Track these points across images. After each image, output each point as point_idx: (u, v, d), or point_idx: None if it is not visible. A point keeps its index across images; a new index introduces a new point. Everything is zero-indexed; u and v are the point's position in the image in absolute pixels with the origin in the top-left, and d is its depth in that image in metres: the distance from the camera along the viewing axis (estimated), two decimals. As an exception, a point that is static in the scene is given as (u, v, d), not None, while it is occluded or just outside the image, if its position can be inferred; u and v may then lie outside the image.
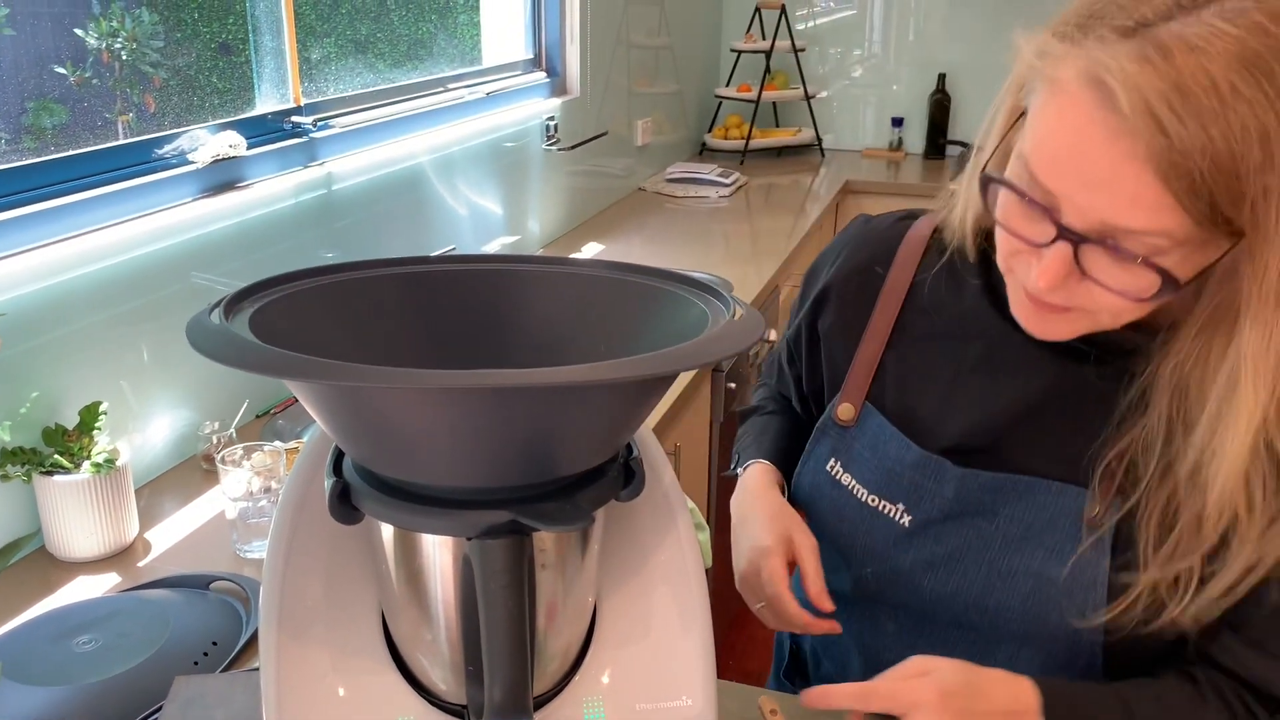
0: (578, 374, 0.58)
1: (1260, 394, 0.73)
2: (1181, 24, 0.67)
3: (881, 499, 0.96)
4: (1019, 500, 0.89)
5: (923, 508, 0.93)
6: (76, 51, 1.48)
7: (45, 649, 1.05)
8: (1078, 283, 0.75)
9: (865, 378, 0.98)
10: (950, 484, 0.92)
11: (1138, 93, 0.66)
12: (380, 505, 0.66)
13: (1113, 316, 0.77)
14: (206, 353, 0.60)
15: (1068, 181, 0.71)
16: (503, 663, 0.64)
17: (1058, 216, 0.73)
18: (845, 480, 0.99)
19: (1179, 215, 0.67)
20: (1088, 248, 0.72)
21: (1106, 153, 0.68)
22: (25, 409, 1.28)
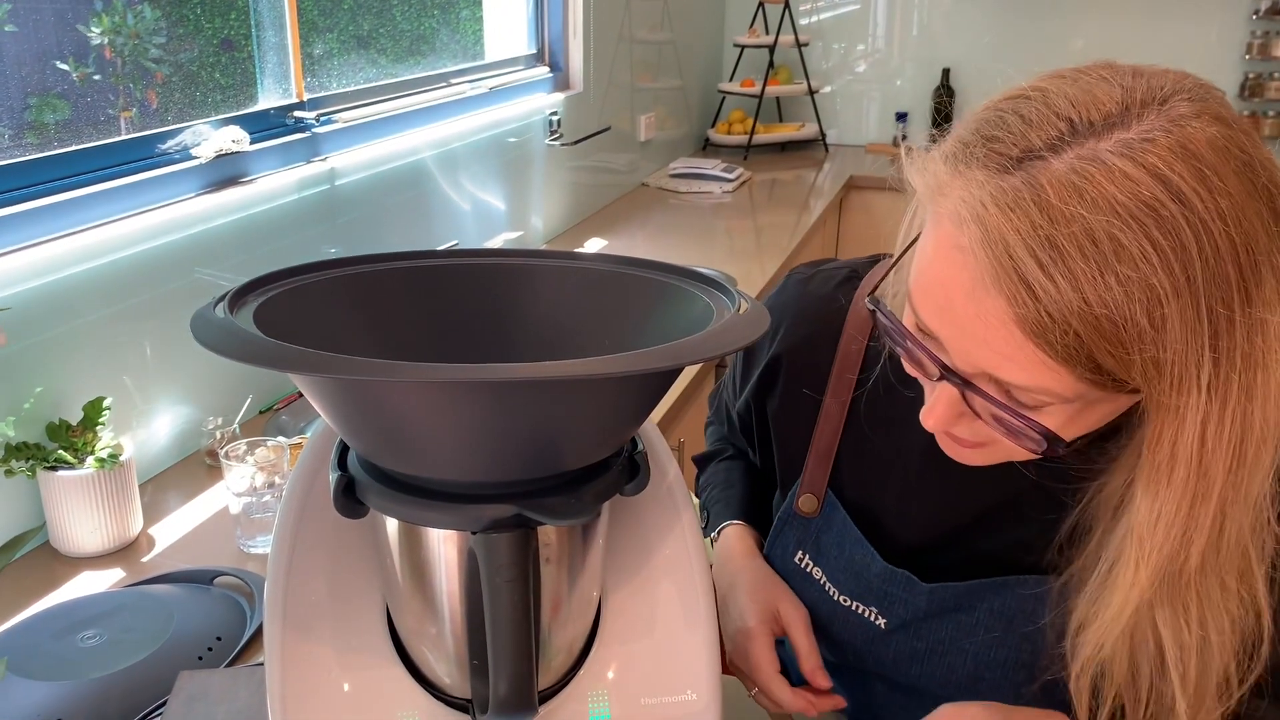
0: (582, 368, 0.58)
1: (1141, 572, 0.65)
2: (1068, 158, 0.59)
3: (854, 600, 0.91)
4: (995, 595, 0.84)
5: (896, 612, 0.88)
6: (79, 47, 1.48)
7: (50, 644, 1.05)
8: (973, 420, 0.69)
9: (824, 467, 0.92)
10: (921, 596, 0.87)
11: (1001, 244, 0.58)
12: (385, 499, 0.66)
13: (1025, 455, 0.70)
14: (211, 346, 0.60)
15: (944, 326, 0.65)
16: (507, 657, 0.64)
17: (941, 356, 0.67)
18: (816, 575, 0.94)
19: (1061, 375, 0.60)
20: (973, 394, 0.66)
21: (973, 306, 0.61)
22: (29, 404, 1.28)
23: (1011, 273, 0.58)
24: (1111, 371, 0.59)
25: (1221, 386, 0.58)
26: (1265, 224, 0.58)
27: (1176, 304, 0.56)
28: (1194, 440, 0.60)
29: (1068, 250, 0.57)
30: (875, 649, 0.91)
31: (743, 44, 3.80)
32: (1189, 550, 0.63)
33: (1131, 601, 0.66)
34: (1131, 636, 0.69)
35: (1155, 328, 0.57)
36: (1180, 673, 0.68)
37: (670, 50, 3.53)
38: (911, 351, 0.70)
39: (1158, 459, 0.62)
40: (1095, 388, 0.60)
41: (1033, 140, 0.61)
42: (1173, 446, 0.61)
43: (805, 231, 2.83)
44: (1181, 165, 0.57)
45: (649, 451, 0.74)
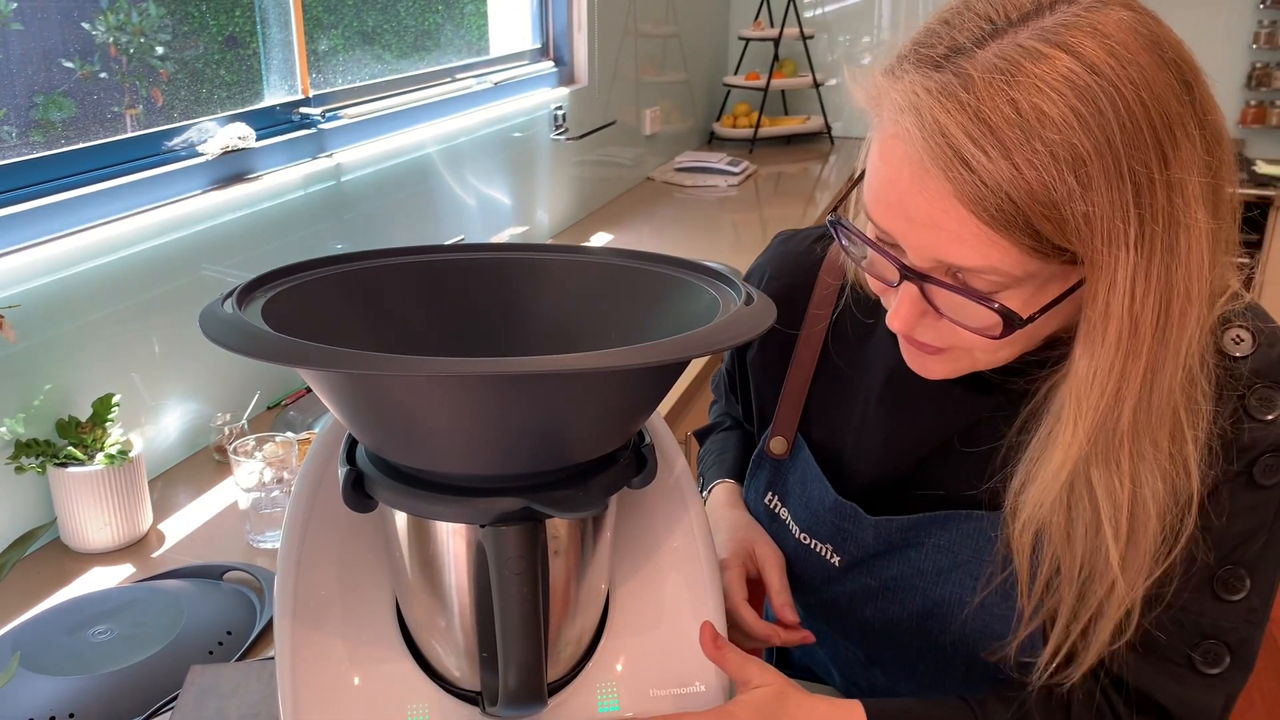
0: (591, 361, 0.58)
1: (1078, 431, 0.69)
2: (991, 49, 0.64)
3: (812, 538, 0.94)
4: (942, 530, 0.86)
5: (848, 549, 0.91)
6: (84, 45, 1.49)
7: (61, 639, 1.06)
8: (936, 320, 0.72)
9: (794, 410, 0.96)
10: (868, 530, 0.90)
11: (936, 128, 0.63)
12: (394, 493, 0.67)
13: (987, 355, 0.74)
14: (220, 342, 0.61)
15: (897, 222, 0.69)
16: (517, 649, 0.65)
17: (900, 256, 0.71)
18: (782, 514, 0.97)
19: (1006, 249, 0.64)
20: (933, 286, 0.70)
21: (919, 192, 0.66)
22: (38, 401, 1.29)
23: (946, 149, 0.63)
24: (1049, 237, 0.63)
25: (1147, 244, 0.63)
26: (1175, 93, 0.64)
27: (1099, 162, 0.62)
28: (1125, 297, 0.64)
29: (995, 123, 0.62)
30: (832, 588, 0.94)
31: (747, 37, 3.80)
32: (1122, 407, 0.68)
33: (1070, 459, 0.70)
34: (1069, 495, 0.72)
35: (1082, 185, 0.62)
36: (1114, 528, 0.71)
37: (675, 44, 3.53)
38: (872, 261, 0.75)
39: (1092, 318, 0.66)
40: (1038, 258, 0.65)
41: (957, 39, 0.66)
42: (1106, 305, 0.65)
43: (811, 224, 2.83)
44: (1093, 43, 0.63)
45: (656, 444, 0.74)
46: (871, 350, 0.92)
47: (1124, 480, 0.70)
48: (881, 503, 0.90)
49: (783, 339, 0.97)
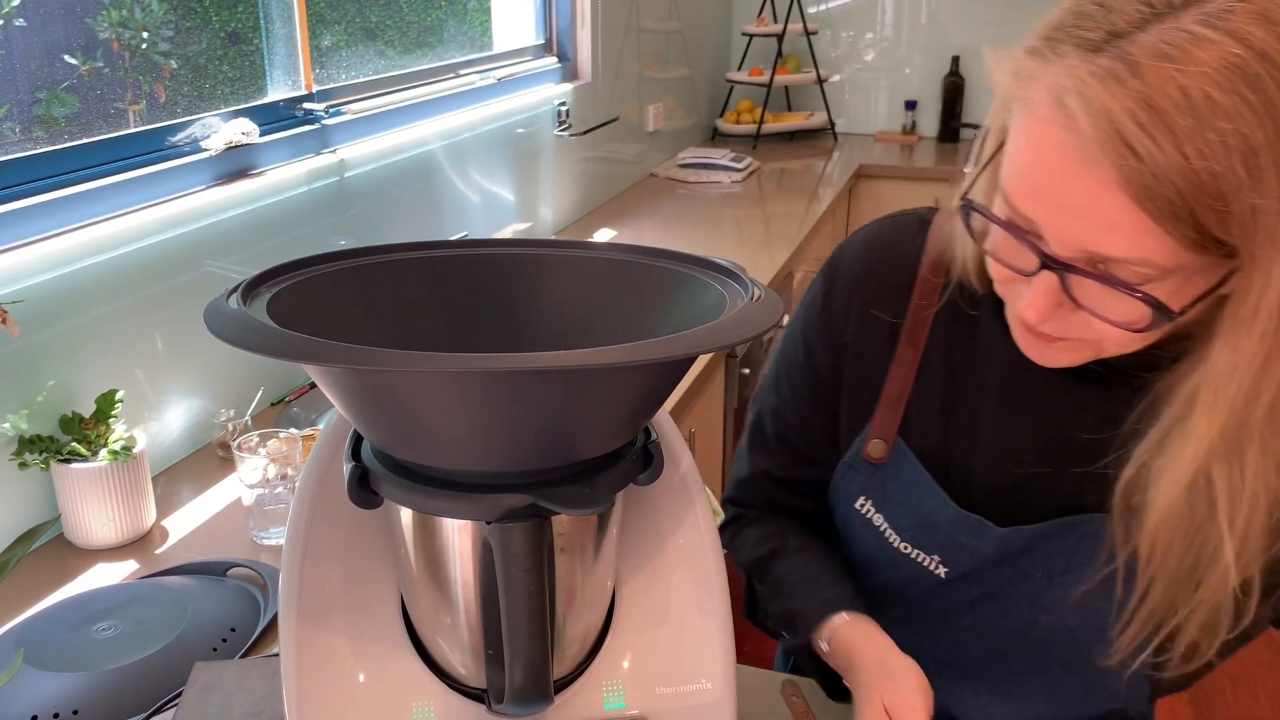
0: (598, 356, 0.58)
1: (1212, 424, 0.69)
2: (1154, 33, 0.62)
3: (915, 548, 0.91)
4: (1058, 536, 0.86)
5: (961, 560, 0.89)
6: (87, 41, 1.48)
7: (65, 636, 1.05)
8: (1071, 312, 0.71)
9: (895, 412, 0.92)
10: (992, 542, 0.87)
11: (1103, 114, 0.61)
12: (399, 490, 0.66)
13: (1117, 346, 0.73)
14: (225, 337, 0.60)
15: (1043, 209, 0.67)
16: (523, 646, 0.64)
17: (1040, 245, 0.69)
18: (877, 521, 0.94)
19: (1163, 240, 0.63)
20: (1075, 277, 0.68)
21: (1077, 179, 0.64)
22: (42, 397, 1.28)
23: (1115, 137, 0.61)
24: (1210, 230, 0.62)
25: None
26: None
27: (1270, 155, 0.60)
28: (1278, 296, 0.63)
29: (1166, 110, 0.60)
30: (929, 599, 0.92)
31: (751, 33, 3.79)
32: (1258, 402, 0.67)
33: (1201, 453, 0.69)
34: (1189, 490, 0.72)
35: (1253, 177, 0.60)
36: (1229, 522, 0.71)
37: (678, 40, 3.52)
38: (1003, 250, 0.72)
39: (1241, 312, 0.65)
40: (1194, 251, 0.63)
41: (1116, 22, 0.64)
42: (1258, 300, 0.64)
43: (815, 221, 2.82)
44: (1261, 30, 0.61)
45: (662, 441, 0.74)
46: (980, 348, 0.88)
47: (1245, 475, 0.70)
48: (1000, 510, 0.87)
49: (883, 338, 0.92)
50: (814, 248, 2.91)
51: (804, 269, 2.79)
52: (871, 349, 0.93)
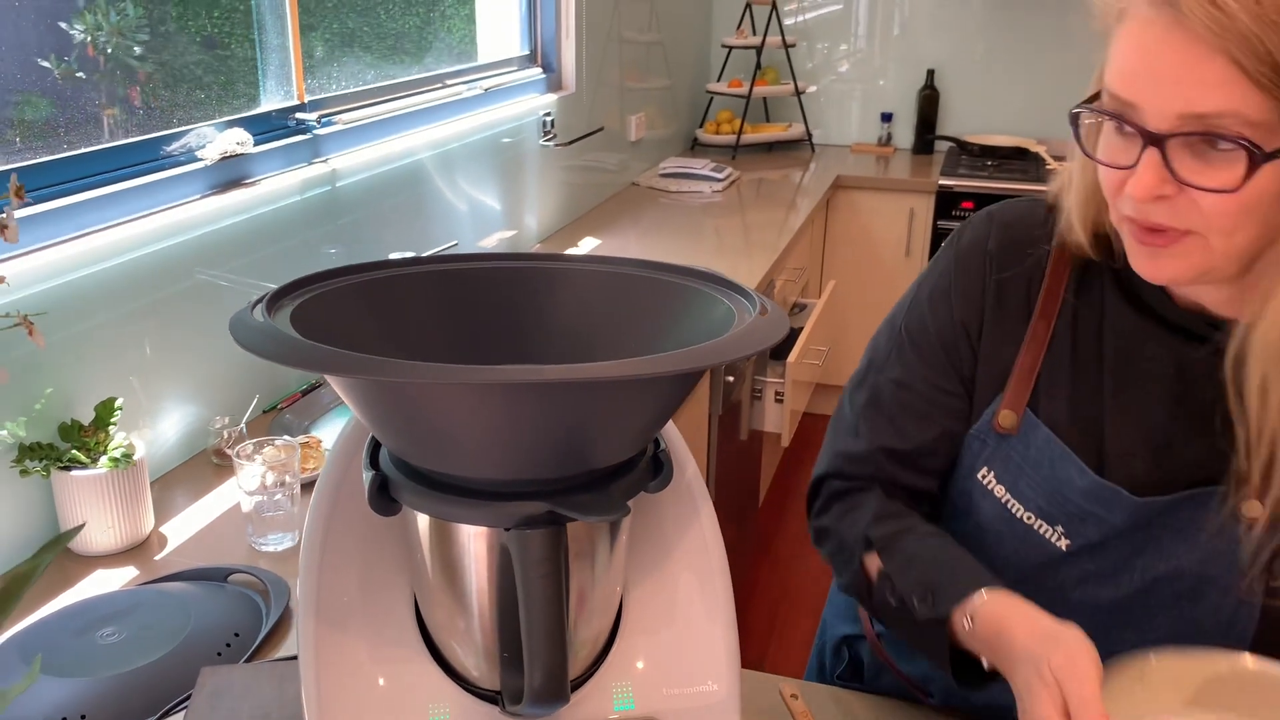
0: (617, 369, 0.60)
1: None
2: None
3: (1039, 519, 0.93)
4: (1187, 509, 0.89)
5: (1085, 533, 0.92)
6: (61, 45, 1.48)
7: (70, 642, 1.06)
8: (1176, 194, 0.76)
9: (1026, 385, 0.95)
10: (1123, 512, 0.90)
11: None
12: (419, 497, 0.69)
13: (1223, 237, 0.77)
14: (253, 349, 0.62)
15: (1142, 86, 0.75)
16: (542, 649, 0.66)
17: (1141, 122, 0.75)
18: (999, 492, 0.95)
19: (1249, 89, 0.70)
20: (1174, 147, 0.74)
21: (1171, 46, 0.72)
22: (40, 405, 1.29)
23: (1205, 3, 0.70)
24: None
25: None
26: None
27: None
28: None
29: None
30: (1046, 571, 0.94)
31: (730, 45, 3.83)
32: None
33: None
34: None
35: None
36: None
37: (659, 51, 3.55)
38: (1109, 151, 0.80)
39: None
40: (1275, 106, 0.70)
41: None
42: None
43: (794, 230, 2.86)
44: None
45: (670, 448, 0.76)
46: (1104, 320, 0.93)
47: None
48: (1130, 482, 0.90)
49: (1017, 311, 0.96)
50: (793, 257, 2.95)
51: (784, 277, 2.83)
52: (1006, 321, 0.97)
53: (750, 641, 2.56)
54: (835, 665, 1.19)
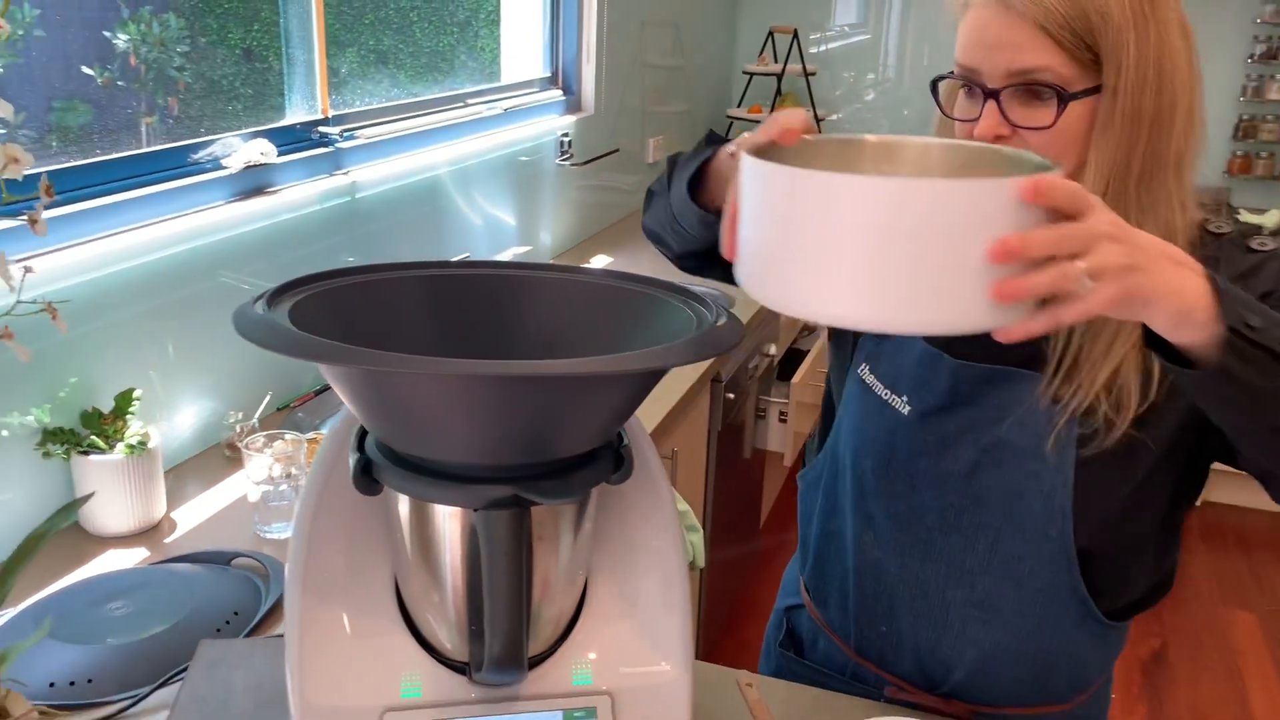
0: (575, 366, 0.67)
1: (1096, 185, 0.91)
2: None
3: (889, 390, 1.08)
4: (998, 388, 1.01)
5: (922, 397, 1.05)
6: (104, 54, 1.56)
7: (82, 612, 1.14)
8: (1011, 135, 0.94)
9: None
10: (947, 377, 1.03)
11: None
12: (398, 478, 0.75)
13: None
14: (251, 338, 0.70)
15: (980, 54, 0.93)
16: (502, 619, 0.73)
17: (981, 81, 0.94)
18: (868, 379, 1.10)
19: (1055, 49, 0.90)
20: (1006, 98, 0.93)
21: (999, 22, 0.91)
22: (64, 393, 1.37)
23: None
24: (1082, 36, 0.89)
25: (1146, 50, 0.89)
26: None
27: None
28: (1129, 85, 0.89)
29: None
30: (897, 439, 1.07)
31: (751, 71, 3.91)
32: (1128, 176, 0.91)
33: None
34: None
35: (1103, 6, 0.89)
36: None
37: (680, 76, 3.64)
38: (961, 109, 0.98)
39: (1103, 110, 0.90)
40: (1076, 61, 0.90)
41: None
42: (1114, 90, 0.89)
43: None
44: None
45: (634, 447, 0.83)
46: None
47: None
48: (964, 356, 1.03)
49: None
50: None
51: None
52: None
53: (747, 658, 2.61)
54: (777, 635, 1.28)
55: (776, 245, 0.68)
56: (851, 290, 0.65)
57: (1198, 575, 3.25)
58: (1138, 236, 0.69)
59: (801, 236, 0.66)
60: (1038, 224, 0.64)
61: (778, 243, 0.68)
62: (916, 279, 0.63)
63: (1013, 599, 1.05)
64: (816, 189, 0.65)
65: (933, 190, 0.62)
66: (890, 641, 1.12)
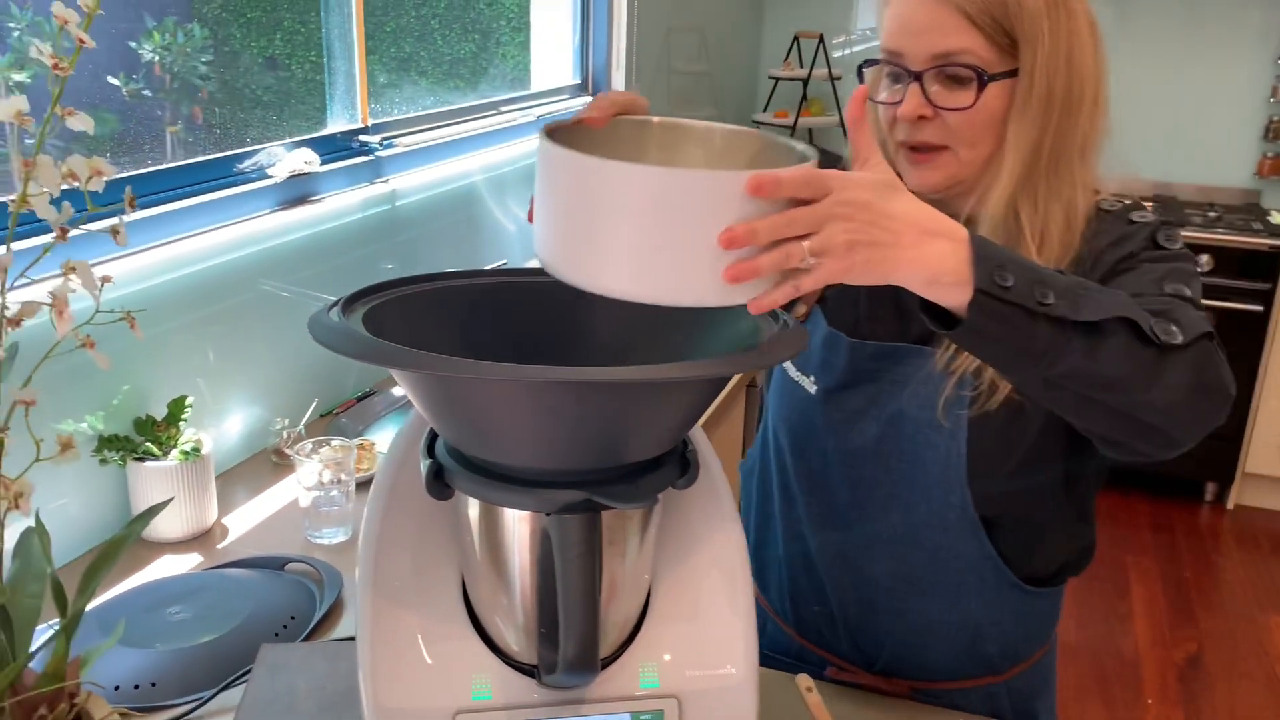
0: (645, 373, 0.68)
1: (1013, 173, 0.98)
2: None
3: (799, 371, 1.14)
4: (896, 363, 1.06)
5: (826, 376, 1.11)
6: (129, 63, 1.58)
7: (142, 617, 1.15)
8: (934, 116, 0.99)
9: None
10: (844, 354, 1.08)
11: None
12: (471, 483, 0.77)
13: (968, 148, 1.00)
14: (330, 345, 0.71)
15: (904, 39, 0.98)
16: (576, 623, 0.74)
17: (905, 64, 0.99)
18: (792, 372, 1.16)
19: (975, 35, 0.95)
20: (929, 80, 0.98)
21: (922, 8, 0.97)
22: (117, 401, 1.39)
23: None
24: (1000, 21, 0.95)
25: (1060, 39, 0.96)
26: None
27: None
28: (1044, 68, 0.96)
29: None
30: (807, 416, 1.13)
31: (777, 76, 3.91)
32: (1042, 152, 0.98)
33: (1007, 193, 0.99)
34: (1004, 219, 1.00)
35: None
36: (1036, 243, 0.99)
37: (706, 81, 3.65)
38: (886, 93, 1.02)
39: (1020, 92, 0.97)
40: (993, 41, 0.96)
41: None
42: (1031, 73, 0.96)
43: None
44: None
45: (697, 451, 0.84)
46: None
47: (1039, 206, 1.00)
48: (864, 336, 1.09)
49: None
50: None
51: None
52: None
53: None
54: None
55: (557, 218, 0.74)
56: (614, 265, 0.70)
57: (1232, 580, 3.23)
58: (883, 209, 0.72)
59: (574, 212, 0.71)
60: (776, 210, 0.69)
61: (558, 216, 0.73)
62: (668, 258, 0.68)
63: (930, 569, 1.09)
64: (580, 171, 0.70)
65: (671, 179, 0.67)
66: (825, 620, 1.17)
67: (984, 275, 0.74)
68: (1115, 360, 0.78)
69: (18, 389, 0.74)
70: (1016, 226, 1.00)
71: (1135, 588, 3.15)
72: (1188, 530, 3.50)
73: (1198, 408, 0.81)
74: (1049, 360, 0.78)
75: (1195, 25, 3.68)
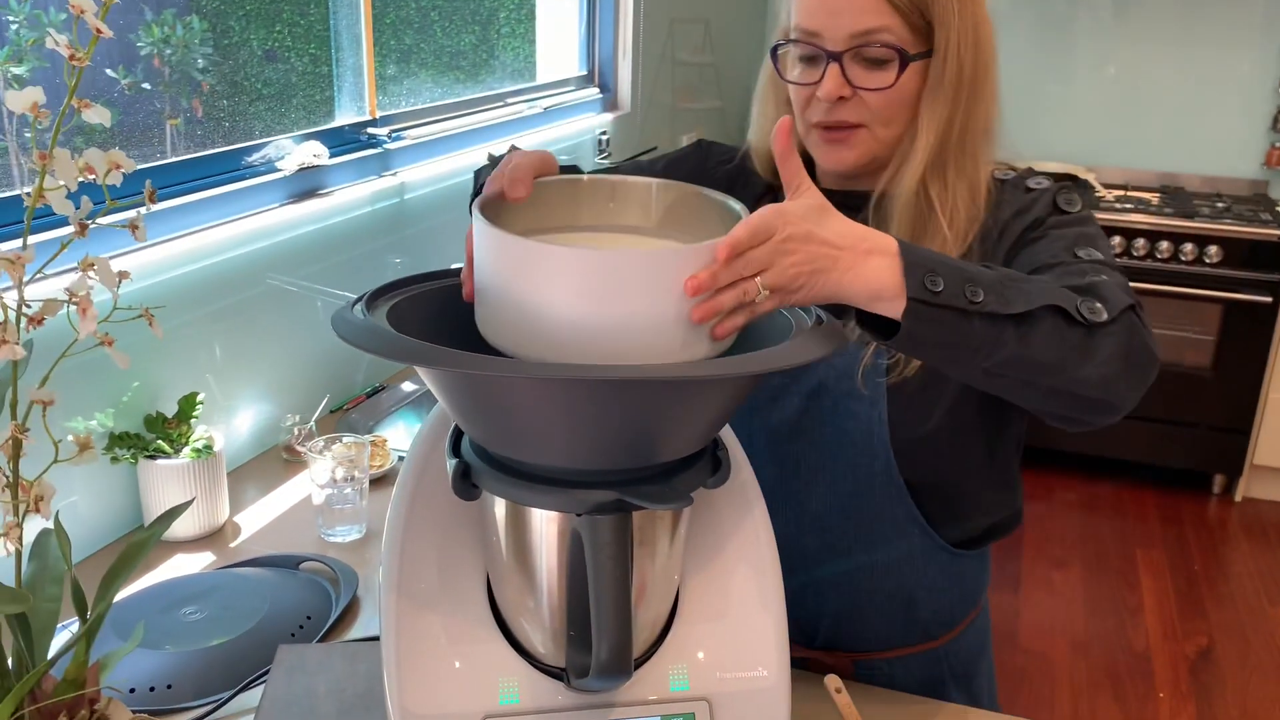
0: (685, 370, 0.67)
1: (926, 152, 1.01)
2: None
3: None
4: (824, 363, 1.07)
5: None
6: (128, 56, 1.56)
7: (157, 618, 1.14)
8: (852, 96, 1.01)
9: None
10: None
11: None
12: (499, 483, 0.75)
13: (884, 127, 1.02)
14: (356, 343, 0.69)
15: (822, 18, 0.99)
16: (609, 625, 0.72)
17: (823, 45, 1.00)
18: None
19: (893, 13, 0.97)
20: (848, 60, 0.99)
21: None
22: (127, 398, 1.37)
23: None
24: (917, 2, 0.97)
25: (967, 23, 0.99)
26: None
27: None
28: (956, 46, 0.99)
29: None
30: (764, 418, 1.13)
31: (782, 67, 3.88)
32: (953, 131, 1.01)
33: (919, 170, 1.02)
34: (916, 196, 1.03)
35: None
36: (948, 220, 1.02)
37: (711, 72, 3.62)
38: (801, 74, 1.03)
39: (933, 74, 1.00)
40: (909, 22, 0.98)
41: None
42: (945, 53, 0.99)
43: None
44: None
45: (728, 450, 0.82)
46: None
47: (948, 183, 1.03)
48: None
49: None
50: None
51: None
52: None
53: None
54: None
55: (497, 294, 0.73)
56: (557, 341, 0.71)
57: (1241, 572, 3.22)
58: (823, 238, 0.76)
59: (513, 292, 0.71)
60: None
61: (497, 292, 0.73)
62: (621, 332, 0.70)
63: (859, 538, 1.11)
64: (522, 254, 0.70)
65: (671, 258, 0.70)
66: None
67: (915, 283, 0.77)
68: (1048, 345, 0.81)
69: (35, 389, 0.72)
70: (928, 203, 1.03)
71: (1145, 580, 3.14)
72: (1196, 523, 3.48)
73: (1130, 376, 0.85)
74: (985, 353, 0.81)
75: (1201, 15, 3.66)
